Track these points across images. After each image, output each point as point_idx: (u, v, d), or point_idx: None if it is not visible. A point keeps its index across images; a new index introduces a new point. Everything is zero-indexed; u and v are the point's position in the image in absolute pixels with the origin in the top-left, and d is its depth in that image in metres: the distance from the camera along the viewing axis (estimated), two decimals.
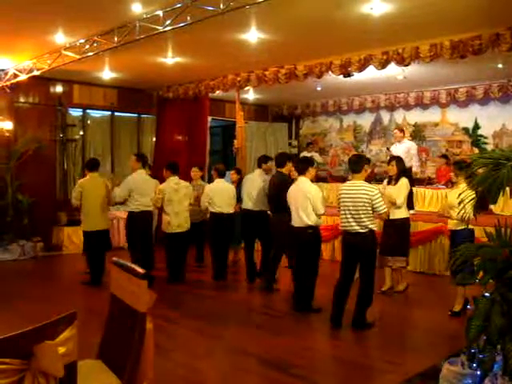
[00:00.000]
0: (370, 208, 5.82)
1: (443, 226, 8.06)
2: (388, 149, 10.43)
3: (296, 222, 6.70)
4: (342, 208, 5.97)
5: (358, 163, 6.06)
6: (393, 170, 7.47)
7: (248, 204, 8.14)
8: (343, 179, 11.85)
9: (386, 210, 6.05)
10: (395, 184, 7.36)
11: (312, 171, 6.87)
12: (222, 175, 8.59)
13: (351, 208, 5.86)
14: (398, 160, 7.61)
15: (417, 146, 11.31)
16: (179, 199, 8.11)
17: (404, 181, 7.35)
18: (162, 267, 8.41)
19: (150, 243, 8.26)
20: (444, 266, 8.46)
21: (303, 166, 6.86)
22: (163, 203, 8.10)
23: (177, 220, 8.11)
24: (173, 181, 8.18)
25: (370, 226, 5.86)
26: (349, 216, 5.89)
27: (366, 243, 5.89)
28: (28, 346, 2.07)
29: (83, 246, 8.48)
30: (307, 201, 6.54)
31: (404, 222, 7.40)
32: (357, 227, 5.85)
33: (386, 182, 7.79)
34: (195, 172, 9.58)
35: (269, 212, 7.97)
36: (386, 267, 7.60)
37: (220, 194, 8.35)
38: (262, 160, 8.30)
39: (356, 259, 5.99)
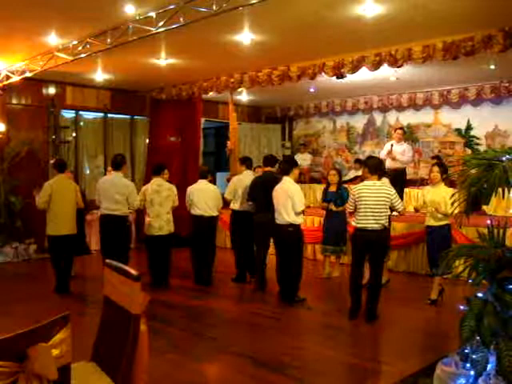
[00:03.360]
0: (388, 207, 6.19)
1: None
2: (392, 145, 10.44)
3: (279, 220, 7.06)
4: (362, 207, 6.18)
5: (378, 165, 6.47)
6: None
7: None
8: None
9: (403, 207, 6.49)
10: None
11: (296, 172, 7.24)
12: (203, 176, 8.36)
13: (373, 206, 6.13)
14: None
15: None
16: (160, 201, 7.92)
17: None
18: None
19: (117, 248, 7.71)
20: None
21: (287, 166, 7.22)
22: (145, 205, 7.97)
23: (158, 222, 7.92)
24: (155, 182, 8.04)
25: (386, 224, 6.21)
26: (369, 214, 6.14)
27: (382, 239, 6.26)
28: (22, 349, 2.06)
29: (48, 251, 8.04)
30: (288, 199, 6.89)
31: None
32: (375, 225, 6.14)
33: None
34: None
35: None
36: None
37: (201, 196, 8.13)
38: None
39: (368, 253, 6.28)
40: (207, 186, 8.29)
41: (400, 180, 10.17)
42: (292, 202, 6.86)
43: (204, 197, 8.14)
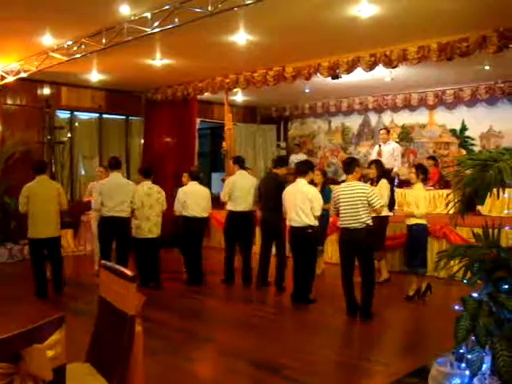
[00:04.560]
0: (366, 204, 6.21)
1: (432, 226, 8.11)
2: (380, 146, 10.47)
3: (295, 222, 7.00)
4: (341, 207, 6.32)
5: (350, 165, 6.49)
6: (373, 172, 7.89)
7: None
8: (332, 181, 11.92)
9: (381, 204, 6.47)
10: (375, 186, 7.64)
11: (311, 175, 7.28)
12: (195, 178, 8.36)
13: (350, 206, 6.24)
14: (377, 162, 8.10)
15: (403, 147, 11.46)
16: (151, 204, 7.88)
17: (384, 181, 7.74)
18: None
19: (119, 249, 7.86)
20: (432, 266, 8.57)
21: (304, 168, 7.20)
22: (133, 206, 7.87)
23: (148, 225, 7.87)
24: (146, 184, 7.99)
25: (367, 222, 6.23)
26: (348, 214, 6.26)
27: (364, 237, 6.25)
28: (16, 350, 2.05)
29: (30, 254, 7.76)
30: (307, 202, 6.87)
31: (382, 220, 7.74)
32: (355, 224, 6.23)
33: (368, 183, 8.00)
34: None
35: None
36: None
37: (194, 197, 8.11)
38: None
39: (355, 252, 6.35)
40: (199, 188, 8.30)
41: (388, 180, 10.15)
42: (312, 204, 6.86)
43: (197, 198, 8.15)
